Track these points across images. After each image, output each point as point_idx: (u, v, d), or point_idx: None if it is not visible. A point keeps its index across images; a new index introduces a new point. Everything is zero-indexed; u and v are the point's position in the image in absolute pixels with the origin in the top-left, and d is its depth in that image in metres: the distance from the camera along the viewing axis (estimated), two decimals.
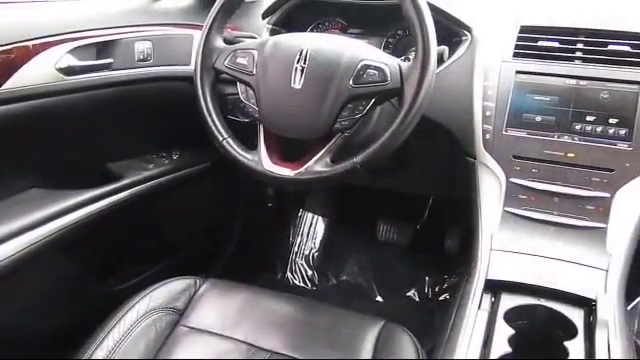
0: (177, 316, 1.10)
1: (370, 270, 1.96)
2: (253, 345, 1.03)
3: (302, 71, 1.01)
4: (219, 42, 1.12)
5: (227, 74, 1.09)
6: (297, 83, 1.01)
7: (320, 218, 2.08)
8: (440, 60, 1.09)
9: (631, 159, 1.02)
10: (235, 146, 1.08)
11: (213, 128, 1.09)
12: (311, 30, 1.44)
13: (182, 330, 1.07)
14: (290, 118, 1.03)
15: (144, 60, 1.32)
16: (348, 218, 2.07)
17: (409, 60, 1.00)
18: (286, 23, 1.39)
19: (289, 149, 1.07)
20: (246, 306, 1.12)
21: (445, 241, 1.80)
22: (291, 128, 1.04)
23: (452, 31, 1.22)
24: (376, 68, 0.98)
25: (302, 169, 1.02)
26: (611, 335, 0.83)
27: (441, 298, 1.86)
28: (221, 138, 1.09)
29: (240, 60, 1.08)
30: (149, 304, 1.10)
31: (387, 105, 1.13)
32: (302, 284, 1.98)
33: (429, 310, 1.80)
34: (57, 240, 1.21)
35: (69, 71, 1.17)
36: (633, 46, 1.08)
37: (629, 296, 1.71)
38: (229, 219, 1.90)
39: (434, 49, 0.96)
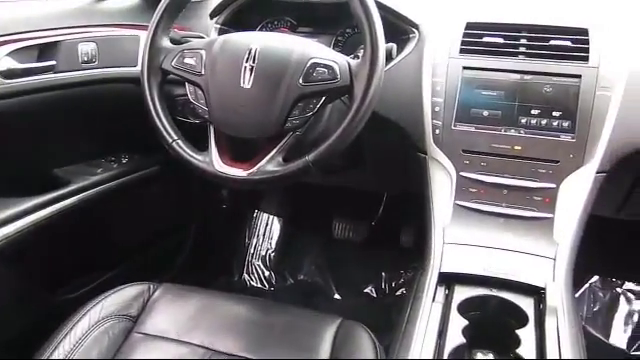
0: (131, 323, 1.07)
1: (327, 268, 1.96)
2: (209, 349, 1.01)
3: (251, 70, 1.00)
4: (166, 42, 1.10)
5: (175, 75, 1.08)
6: (246, 82, 1.00)
7: (276, 218, 2.08)
8: (389, 57, 1.10)
9: (574, 150, 1.05)
10: (185, 147, 1.07)
11: (162, 130, 1.08)
12: (260, 29, 1.43)
13: (137, 337, 1.05)
14: (240, 118, 1.02)
15: (88, 62, 1.29)
16: (304, 217, 2.07)
17: (358, 58, 1.00)
18: (235, 23, 1.38)
19: (241, 149, 1.06)
20: (202, 310, 1.10)
21: (400, 236, 1.82)
22: (242, 128, 1.03)
23: (400, 29, 1.23)
24: (325, 66, 0.98)
25: (254, 169, 1.01)
26: (560, 321, 0.86)
27: (398, 293, 1.88)
28: (170, 140, 1.07)
29: (188, 60, 1.06)
30: (101, 312, 1.07)
31: (338, 103, 1.13)
32: (259, 285, 1.98)
33: (386, 306, 1.82)
34: (1, 250, 1.16)
35: (9, 74, 1.13)
36: (573, 41, 1.11)
37: (577, 283, 1.78)
38: (183, 222, 1.87)
39: (382, 46, 0.96)
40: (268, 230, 2.06)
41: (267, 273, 1.99)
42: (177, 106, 1.35)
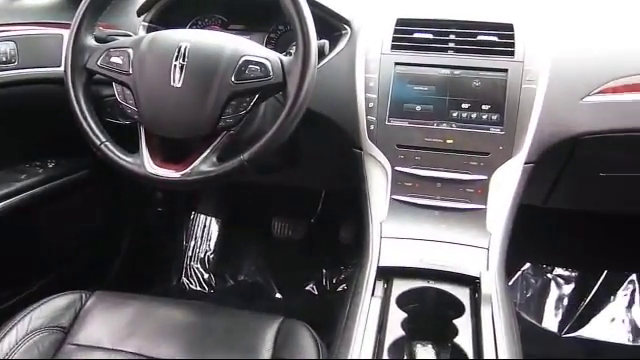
0: (62, 334, 1.03)
1: (267, 268, 1.95)
2: (146, 356, 0.99)
3: (182, 68, 0.98)
4: (90, 41, 1.06)
5: (101, 74, 1.04)
6: (177, 81, 0.98)
7: (213, 219, 2.04)
8: (321, 54, 1.10)
9: (504, 142, 1.08)
10: (114, 150, 1.03)
11: (89, 132, 1.04)
12: (190, 27, 1.40)
13: (69, 348, 1.00)
14: (171, 118, 0.99)
15: (7, 62, 1.23)
16: (242, 217, 2.05)
17: (291, 55, 1.00)
18: (163, 20, 1.34)
19: (173, 150, 1.04)
20: (138, 317, 1.07)
21: (340, 233, 1.82)
22: (173, 128, 1.00)
23: (332, 25, 1.23)
24: (258, 63, 0.97)
25: (188, 170, 0.99)
26: (494, 309, 0.88)
27: (339, 289, 1.89)
28: (98, 142, 1.03)
29: (114, 59, 1.02)
30: (29, 325, 1.02)
31: (273, 100, 1.13)
32: (199, 288, 1.94)
33: (328, 302, 1.82)
34: None
35: None
36: (500, 36, 1.14)
37: (510, 271, 1.85)
38: (116, 227, 1.81)
39: (314, 43, 0.96)
40: (206, 232, 2.03)
41: (206, 276, 1.96)
42: (105, 107, 1.31)
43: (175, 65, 0.98)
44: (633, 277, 1.83)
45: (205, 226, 2.03)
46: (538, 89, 1.10)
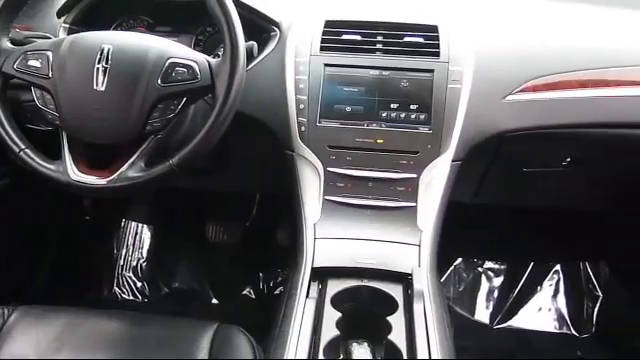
0: None
1: (203, 274, 1.92)
2: None
3: (105, 72, 0.95)
4: (5, 43, 1.01)
5: (18, 78, 0.99)
6: (100, 85, 0.95)
7: (145, 226, 1.99)
8: (250, 56, 1.09)
9: (431, 141, 1.11)
10: (35, 157, 0.99)
11: (7, 139, 0.99)
12: (114, 29, 1.36)
13: None
14: (95, 122, 0.96)
15: None
16: (175, 223, 2.00)
17: (219, 57, 0.98)
18: (86, 22, 1.29)
19: (99, 156, 1.01)
20: (67, 329, 1.03)
21: (276, 235, 1.82)
22: (97, 133, 0.97)
23: (260, 27, 1.23)
24: (185, 65, 0.96)
25: (115, 176, 0.96)
26: (426, 304, 0.90)
27: (277, 292, 1.88)
28: (18, 149, 0.99)
29: (32, 62, 0.98)
30: None
31: (202, 103, 1.11)
32: (132, 298, 1.88)
33: (266, 306, 1.81)
34: None
35: None
36: (425, 37, 1.17)
37: (443, 267, 1.89)
38: (41, 238, 1.73)
39: (242, 44, 0.95)
40: (138, 239, 1.97)
41: (139, 284, 1.90)
42: (25, 113, 1.24)
43: (98, 68, 0.95)
44: (557, 268, 1.92)
45: (137, 233, 1.97)
46: (463, 89, 1.13)
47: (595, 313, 1.85)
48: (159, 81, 0.95)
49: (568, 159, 1.30)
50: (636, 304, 1.80)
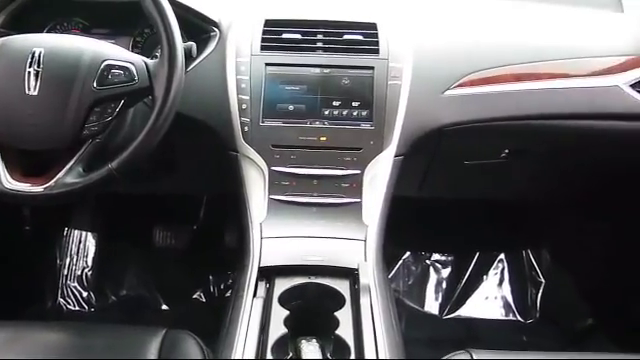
0: None
1: (151, 279, 1.88)
2: None
3: (37, 75, 0.92)
4: None
5: None
6: (32, 89, 0.92)
7: (89, 234, 1.93)
8: (189, 56, 1.08)
9: (374, 137, 1.13)
10: None
11: None
12: (47, 32, 1.32)
13: None
14: (29, 128, 0.93)
15: None
16: (121, 229, 1.96)
17: (157, 58, 0.97)
18: (16, 25, 1.24)
19: (34, 162, 0.98)
20: (7, 344, 0.99)
21: (224, 237, 1.80)
22: (31, 139, 0.94)
23: (200, 27, 1.21)
24: (121, 67, 0.94)
25: (51, 183, 0.94)
26: (373, 298, 0.91)
27: (228, 295, 1.86)
28: None
29: None
30: None
31: (142, 106, 1.09)
32: (77, 308, 1.83)
33: (217, 309, 1.78)
34: None
35: None
36: (365, 35, 1.19)
37: (391, 261, 1.92)
38: None
39: (179, 45, 0.94)
40: (82, 248, 1.91)
41: (85, 294, 1.85)
42: None
43: (29, 72, 0.92)
44: (502, 256, 1.97)
45: (81, 242, 1.91)
46: (403, 85, 1.15)
47: (539, 299, 1.91)
48: (95, 84, 0.93)
49: (506, 151, 1.35)
50: (576, 288, 1.87)
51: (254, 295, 0.93)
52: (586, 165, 1.44)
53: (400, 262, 1.96)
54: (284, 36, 1.18)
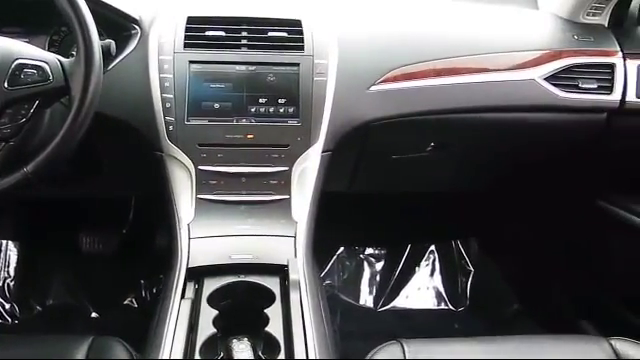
0: None
1: (79, 287, 1.81)
2: None
3: None
4: None
5: None
6: None
7: (11, 243, 1.84)
8: (108, 54, 1.05)
9: (301, 133, 1.13)
10: None
11: None
12: None
13: None
14: None
15: None
16: (45, 236, 1.88)
17: (73, 56, 0.93)
18: None
19: None
20: None
21: (155, 239, 1.76)
22: None
23: (119, 25, 1.18)
24: (34, 67, 0.90)
25: None
26: (303, 294, 0.92)
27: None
28: None
29: None
30: None
31: (61, 106, 1.05)
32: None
33: (149, 314, 1.74)
34: None
35: None
36: (289, 31, 1.18)
37: (325, 257, 1.93)
38: None
39: (96, 42, 0.91)
40: (3, 257, 1.82)
41: (7, 306, 1.76)
42: None
43: None
44: (432, 248, 2.03)
45: (1, 251, 1.82)
46: (328, 81, 1.16)
47: (468, 287, 1.97)
48: (5, 84, 0.88)
49: (432, 144, 1.38)
50: (503, 276, 1.95)
51: (182, 296, 0.92)
52: (507, 156, 1.49)
53: (334, 258, 1.98)
54: (207, 33, 1.17)
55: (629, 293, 1.52)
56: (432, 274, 2.01)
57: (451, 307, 1.95)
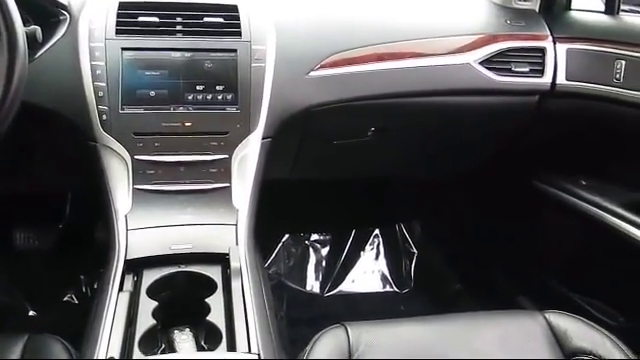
0: None
1: (16, 285, 1.74)
2: None
3: None
4: None
5: None
6: None
7: None
8: (34, 41, 1.00)
9: (240, 121, 1.12)
10: None
11: None
12: None
13: None
14: None
15: None
16: None
17: None
18: None
19: None
20: None
21: (94, 233, 1.71)
22: None
23: (46, 10, 1.13)
24: None
25: None
26: (244, 281, 0.91)
27: None
28: None
29: None
30: None
31: None
32: None
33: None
34: None
35: None
36: (225, 17, 1.16)
37: (270, 244, 1.93)
38: None
39: (19, 29, 0.87)
40: None
41: None
42: None
43: None
44: (377, 232, 2.06)
45: None
46: (267, 67, 1.15)
47: (412, 269, 2.02)
48: None
49: (372, 129, 1.39)
50: (445, 257, 2.00)
51: (120, 289, 0.89)
52: (446, 140, 1.52)
53: (280, 245, 1.98)
54: (140, 19, 1.13)
55: (562, 268, 1.59)
56: (377, 258, 2.04)
57: (396, 289, 1.98)
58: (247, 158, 1.12)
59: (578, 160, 1.49)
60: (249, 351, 0.79)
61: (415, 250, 2.04)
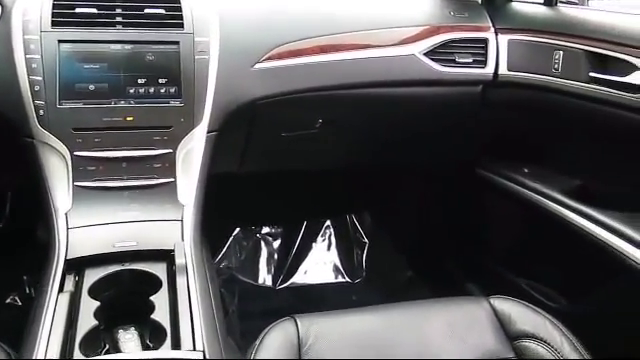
0: None
1: None
2: None
3: None
4: None
5: None
6: None
7: None
8: None
9: (184, 114, 1.10)
10: None
11: None
12: None
13: None
14: None
15: None
16: None
17: None
18: None
19: None
20: None
21: (36, 232, 1.65)
22: None
23: None
24: None
25: None
26: (190, 278, 0.90)
27: None
28: None
29: None
30: None
31: None
32: None
33: None
34: None
35: None
36: (167, 8, 1.14)
37: (221, 239, 1.91)
38: None
39: None
40: None
41: None
42: None
43: None
44: (328, 223, 2.07)
45: None
46: (211, 59, 1.13)
47: (364, 259, 2.03)
48: None
49: (320, 121, 1.39)
50: (396, 246, 2.02)
51: (60, 290, 0.87)
52: (392, 130, 1.53)
53: (231, 239, 1.96)
54: (78, 10, 1.09)
55: (508, 254, 1.63)
56: (329, 249, 2.05)
57: (348, 279, 2.00)
58: (192, 152, 1.10)
59: (521, 148, 1.53)
60: (194, 349, 0.77)
61: (366, 240, 2.06)
